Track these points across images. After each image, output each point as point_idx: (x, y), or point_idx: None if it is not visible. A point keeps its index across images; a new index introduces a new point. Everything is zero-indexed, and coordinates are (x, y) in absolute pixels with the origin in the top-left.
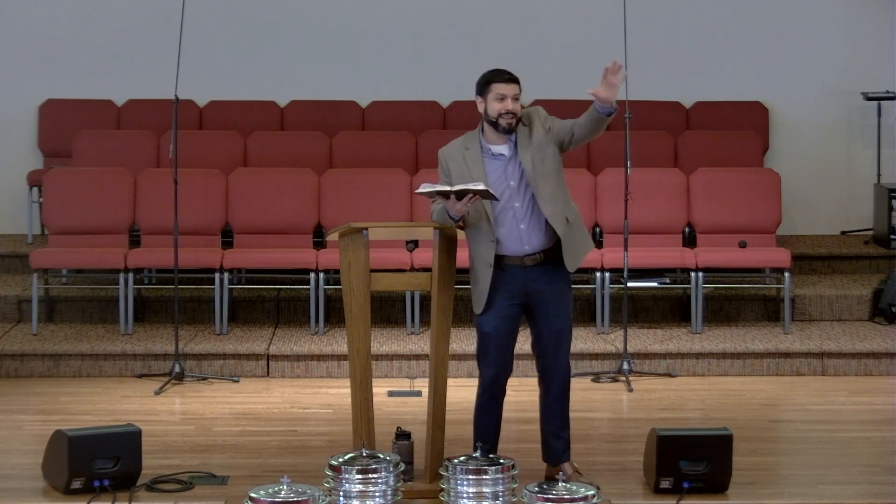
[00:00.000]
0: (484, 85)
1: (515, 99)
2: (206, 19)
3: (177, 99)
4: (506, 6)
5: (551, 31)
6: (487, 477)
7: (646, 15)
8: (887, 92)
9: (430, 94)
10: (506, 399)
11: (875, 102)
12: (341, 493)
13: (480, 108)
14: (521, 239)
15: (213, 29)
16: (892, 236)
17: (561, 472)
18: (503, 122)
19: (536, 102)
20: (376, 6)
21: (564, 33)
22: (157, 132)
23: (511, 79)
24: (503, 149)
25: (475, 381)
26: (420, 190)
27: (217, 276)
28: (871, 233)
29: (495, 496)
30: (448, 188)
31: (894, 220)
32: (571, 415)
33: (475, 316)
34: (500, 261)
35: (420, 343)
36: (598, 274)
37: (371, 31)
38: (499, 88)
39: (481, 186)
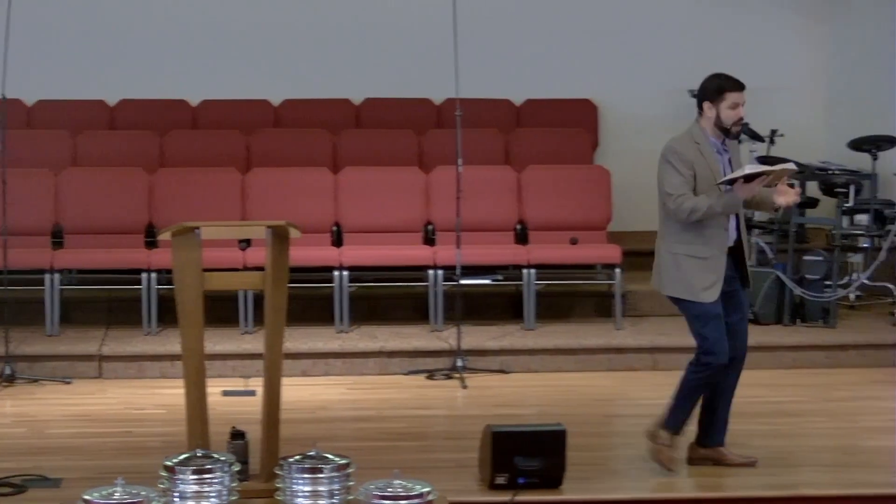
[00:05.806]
0: (717, 92)
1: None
2: (34, 19)
3: (3, 98)
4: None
5: (381, 31)
6: (323, 476)
7: (476, 13)
8: None
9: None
10: (340, 398)
11: None
12: (176, 494)
13: (710, 114)
14: (728, 235)
15: (44, 29)
16: None
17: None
18: (735, 129)
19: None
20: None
21: (392, 33)
22: None
23: (743, 86)
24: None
25: (309, 381)
26: (748, 171)
27: (47, 276)
28: None
29: (331, 494)
30: (766, 168)
31: None
32: (406, 412)
33: (700, 307)
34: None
35: (254, 342)
36: (430, 271)
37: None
38: (733, 97)
39: (791, 166)
